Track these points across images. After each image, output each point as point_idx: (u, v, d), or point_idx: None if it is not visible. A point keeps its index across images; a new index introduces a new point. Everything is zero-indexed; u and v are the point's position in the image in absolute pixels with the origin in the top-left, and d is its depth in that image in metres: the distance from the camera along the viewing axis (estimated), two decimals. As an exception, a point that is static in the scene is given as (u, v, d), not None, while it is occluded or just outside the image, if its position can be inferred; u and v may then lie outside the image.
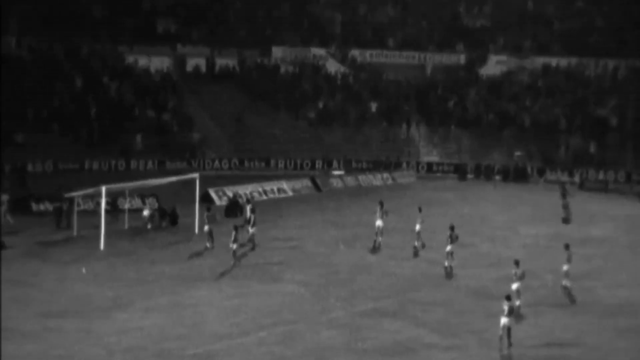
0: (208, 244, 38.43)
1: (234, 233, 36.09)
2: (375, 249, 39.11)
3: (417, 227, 39.50)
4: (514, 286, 30.80)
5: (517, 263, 31.52)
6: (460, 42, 78.94)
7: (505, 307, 27.19)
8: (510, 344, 27.23)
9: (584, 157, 66.21)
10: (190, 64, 71.89)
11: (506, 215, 49.91)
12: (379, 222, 39.69)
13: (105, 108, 63.37)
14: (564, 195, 46.84)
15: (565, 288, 32.54)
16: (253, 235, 39.03)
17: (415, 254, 38.90)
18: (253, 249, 38.66)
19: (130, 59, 69.05)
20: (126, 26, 70.28)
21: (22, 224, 41.98)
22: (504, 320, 27.10)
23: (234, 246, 36.03)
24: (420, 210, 40.13)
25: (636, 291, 34.26)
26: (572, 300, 32.14)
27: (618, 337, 28.62)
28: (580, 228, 46.39)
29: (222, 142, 66.24)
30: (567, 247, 33.80)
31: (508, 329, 27.14)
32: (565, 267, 32.99)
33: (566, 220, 43.64)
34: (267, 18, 77.66)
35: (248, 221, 40.43)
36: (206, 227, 38.65)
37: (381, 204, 40.07)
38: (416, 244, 39.30)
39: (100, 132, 61.31)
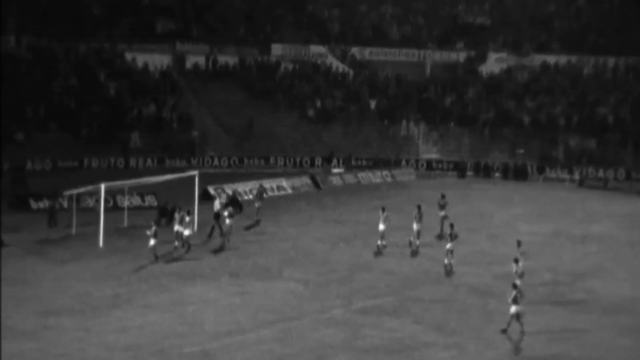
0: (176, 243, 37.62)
1: (153, 228, 35.61)
2: (378, 253, 38.76)
3: (381, 226, 38.90)
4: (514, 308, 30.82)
5: (517, 261, 31.56)
6: (460, 40, 78.87)
7: (512, 294, 27.79)
8: (522, 332, 27.59)
9: (584, 155, 66.13)
10: (190, 62, 71.71)
11: (506, 212, 49.86)
12: (381, 226, 39.09)
13: (104, 106, 63.30)
14: (442, 207, 43.17)
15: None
16: (188, 237, 37.63)
17: (378, 253, 38.63)
18: (187, 251, 37.32)
19: (129, 56, 68.90)
20: (125, 24, 70.09)
21: (22, 222, 41.84)
22: (513, 308, 27.66)
23: (152, 242, 35.35)
24: (383, 210, 39.26)
25: (636, 289, 34.22)
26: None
27: (618, 335, 28.58)
28: (580, 225, 46.41)
29: (222, 140, 66.13)
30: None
31: (517, 316, 27.65)
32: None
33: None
34: (266, 16, 77.56)
35: (216, 216, 40.35)
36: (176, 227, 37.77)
37: (383, 209, 39.32)
38: (379, 242, 38.97)
39: (99, 130, 61.24)
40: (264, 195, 47.43)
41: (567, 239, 42.90)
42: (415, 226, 39.35)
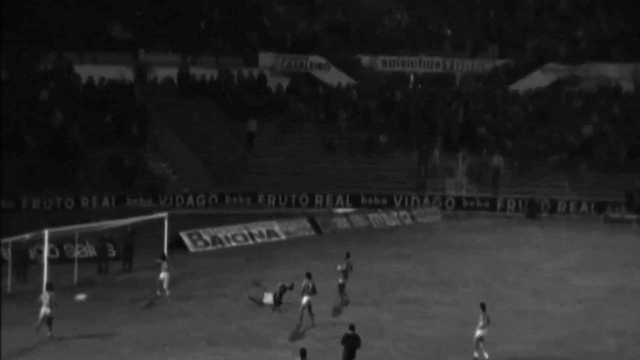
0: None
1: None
2: None
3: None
4: (479, 333, 32.19)
5: (483, 307, 32.60)
6: (496, 46, 79.25)
7: (480, 319, 30.99)
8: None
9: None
10: (157, 75, 72.01)
11: (555, 262, 49.94)
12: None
13: (47, 133, 63.35)
14: (343, 272, 40.57)
15: None
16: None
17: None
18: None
19: (80, 69, 69.16)
20: (75, 28, 70.27)
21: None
22: (479, 332, 31.14)
23: (46, 310, 34.48)
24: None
25: None
26: None
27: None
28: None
29: (198, 173, 66.28)
30: (483, 307, 33.35)
31: (480, 339, 30.67)
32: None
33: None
34: (253, 18, 77.95)
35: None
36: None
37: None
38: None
39: (41, 163, 61.27)
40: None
41: (634, 296, 42.89)
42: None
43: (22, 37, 66.87)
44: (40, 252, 40.38)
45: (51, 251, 41.74)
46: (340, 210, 62.22)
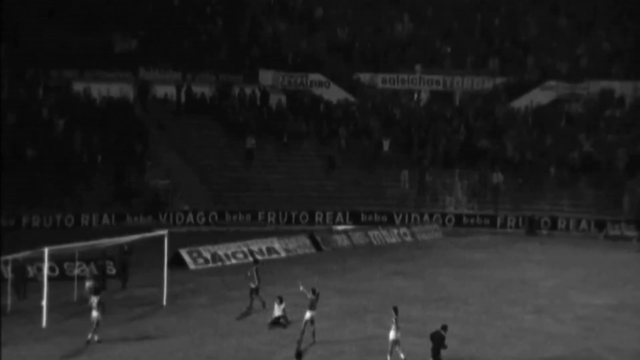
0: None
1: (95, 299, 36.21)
2: None
3: (392, 334, 34.49)
4: (393, 336, 32.72)
5: (396, 310, 33.05)
6: (496, 62, 79.49)
7: (393, 322, 32.31)
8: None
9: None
10: (156, 93, 72.13)
11: (555, 279, 49.94)
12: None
13: (47, 149, 63.47)
14: (253, 278, 40.23)
15: None
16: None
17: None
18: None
19: (79, 87, 69.28)
20: (75, 46, 70.45)
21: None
22: (392, 334, 32.36)
23: (95, 314, 35.84)
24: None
25: None
26: None
27: None
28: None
29: (198, 191, 66.38)
30: (395, 310, 33.51)
31: (395, 342, 32.37)
32: (392, 336, 33.12)
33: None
34: (252, 36, 78.15)
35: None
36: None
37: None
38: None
39: (42, 179, 61.37)
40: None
41: (635, 313, 42.87)
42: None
43: (23, 55, 67.24)
44: (40, 269, 40.34)
45: (51, 269, 41.72)
46: (340, 228, 62.33)
